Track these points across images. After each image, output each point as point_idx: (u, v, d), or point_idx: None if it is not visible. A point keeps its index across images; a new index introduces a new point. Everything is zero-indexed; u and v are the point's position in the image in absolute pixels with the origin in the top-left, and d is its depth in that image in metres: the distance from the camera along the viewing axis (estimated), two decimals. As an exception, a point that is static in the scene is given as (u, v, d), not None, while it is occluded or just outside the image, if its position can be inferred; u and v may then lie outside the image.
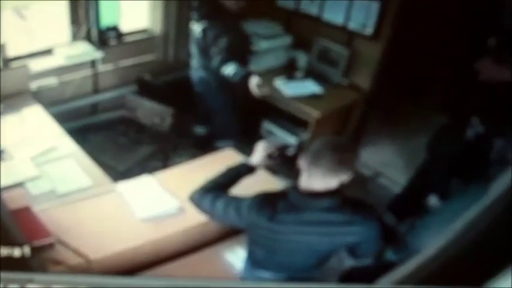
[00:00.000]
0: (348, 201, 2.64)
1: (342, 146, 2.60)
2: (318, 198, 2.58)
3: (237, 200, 2.78)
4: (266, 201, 2.69)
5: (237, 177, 2.94)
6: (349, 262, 3.06)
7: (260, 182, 3.37)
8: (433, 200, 3.99)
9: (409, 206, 4.17)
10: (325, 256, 2.78)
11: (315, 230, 2.62)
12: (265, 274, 2.86)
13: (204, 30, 4.75)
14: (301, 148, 2.92)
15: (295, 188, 2.64)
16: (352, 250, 2.76)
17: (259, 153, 2.95)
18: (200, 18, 4.78)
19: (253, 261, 2.90)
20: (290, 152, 2.94)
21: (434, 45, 5.11)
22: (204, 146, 5.15)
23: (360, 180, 5.02)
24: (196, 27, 4.83)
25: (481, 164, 3.57)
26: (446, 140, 4.01)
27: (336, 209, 2.60)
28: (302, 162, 2.61)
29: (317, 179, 2.55)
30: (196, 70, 5.04)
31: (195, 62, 5.02)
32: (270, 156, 2.96)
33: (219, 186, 2.90)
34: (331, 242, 2.68)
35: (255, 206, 2.68)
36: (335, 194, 2.59)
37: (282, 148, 2.98)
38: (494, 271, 1.91)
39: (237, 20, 4.90)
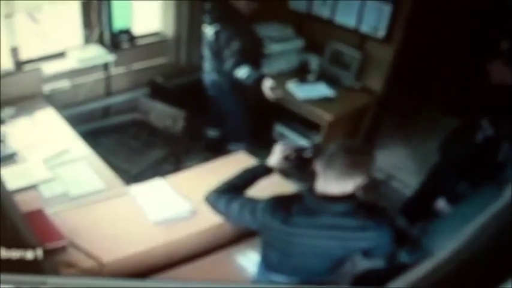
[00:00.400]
0: (363, 206, 2.64)
1: (356, 149, 2.61)
2: (333, 202, 2.58)
3: (252, 202, 2.78)
4: (281, 204, 2.69)
5: (253, 178, 2.96)
6: (362, 265, 3.06)
7: (273, 185, 3.37)
8: (441, 204, 3.97)
9: (421, 209, 4.16)
10: (338, 260, 2.78)
11: (328, 234, 2.62)
12: (279, 278, 2.85)
13: (217, 33, 4.76)
14: (317, 150, 2.92)
15: (310, 191, 2.64)
16: (366, 253, 2.76)
17: (277, 154, 2.97)
18: (212, 21, 4.78)
19: (267, 265, 2.90)
20: (307, 154, 2.94)
21: (445, 48, 5.10)
22: (216, 149, 5.14)
23: (372, 184, 5.01)
24: (209, 30, 4.84)
25: (488, 168, 3.57)
26: (457, 142, 4.00)
27: (350, 214, 2.59)
28: (318, 166, 2.61)
29: (332, 182, 2.55)
30: (208, 73, 5.04)
31: (208, 65, 5.02)
32: (287, 158, 2.97)
33: (235, 188, 2.91)
34: (344, 247, 2.68)
35: (269, 209, 2.69)
36: (350, 199, 2.59)
37: (300, 150, 2.98)
38: (506, 275, 1.90)
39: (250, 23, 4.90)
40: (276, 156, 2.97)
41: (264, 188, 2.96)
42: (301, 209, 2.63)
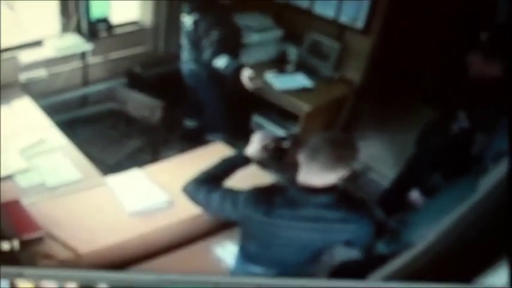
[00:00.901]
0: (344, 197, 2.64)
1: (340, 142, 2.60)
2: (316, 194, 2.58)
3: (233, 193, 2.76)
4: (263, 195, 2.68)
5: (231, 168, 2.92)
6: (340, 257, 3.07)
7: (250, 176, 3.38)
8: (414, 195, 3.99)
9: (397, 200, 4.18)
10: (317, 252, 2.79)
11: (310, 226, 2.62)
12: (257, 269, 2.86)
13: (196, 23, 4.74)
14: (295, 140, 2.92)
15: (293, 182, 2.64)
16: (345, 243, 2.77)
17: (255, 144, 2.93)
18: (191, 11, 4.76)
19: (245, 256, 2.90)
20: (285, 144, 2.94)
21: (425, 39, 5.11)
22: (194, 139, 5.13)
23: (350, 175, 5.04)
24: (187, 20, 4.82)
25: (462, 160, 3.60)
26: (432, 134, 4.03)
27: (332, 206, 2.60)
28: (301, 157, 2.60)
29: (315, 174, 2.55)
30: (186, 63, 5.03)
31: (186, 54, 5.01)
32: (265, 148, 2.96)
33: (214, 178, 2.87)
34: (325, 239, 2.69)
35: (251, 200, 2.67)
36: (332, 190, 2.59)
37: (278, 140, 2.98)
38: (484, 266, 1.92)
39: (229, 13, 4.89)
40: (254, 146, 2.94)
41: (242, 179, 2.95)
42: (283, 200, 2.62)
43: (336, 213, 2.61)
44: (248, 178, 3.13)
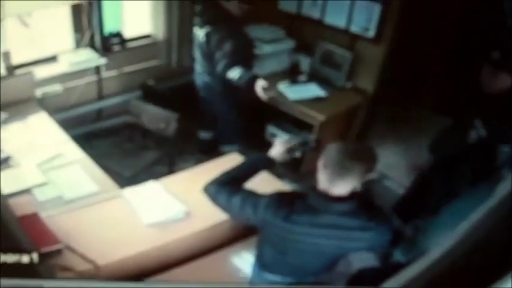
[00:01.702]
0: (365, 206, 2.65)
1: (367, 156, 2.63)
2: (337, 201, 2.58)
3: (255, 197, 2.76)
4: (284, 201, 2.68)
5: (254, 170, 2.95)
6: (356, 265, 3.07)
7: (265, 185, 3.41)
8: None
9: (413, 208, 4.17)
10: (334, 260, 2.79)
11: (329, 233, 2.63)
12: (273, 277, 2.86)
13: (208, 35, 4.77)
14: (318, 144, 2.93)
15: (314, 189, 2.64)
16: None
17: (279, 146, 2.97)
18: (204, 24, 4.79)
19: (262, 264, 2.91)
20: (310, 146, 2.96)
21: (437, 47, 5.11)
22: (209, 151, 5.15)
23: (365, 183, 5.03)
24: (200, 33, 4.84)
25: (483, 168, 3.58)
26: (449, 141, 4.01)
27: (352, 214, 2.60)
28: (320, 165, 2.61)
29: (335, 183, 2.56)
30: (200, 75, 5.06)
31: (199, 67, 5.03)
32: (289, 151, 2.98)
33: (235, 180, 2.88)
34: (342, 246, 2.70)
35: (272, 205, 2.67)
36: (353, 198, 2.60)
37: (302, 143, 2.99)
38: (500, 273, 1.91)
39: (241, 25, 4.93)
40: (278, 148, 2.97)
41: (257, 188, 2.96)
42: (304, 207, 2.63)
43: (355, 221, 2.61)
44: (264, 187, 3.17)
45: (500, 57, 3.62)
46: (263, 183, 3.66)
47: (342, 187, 2.57)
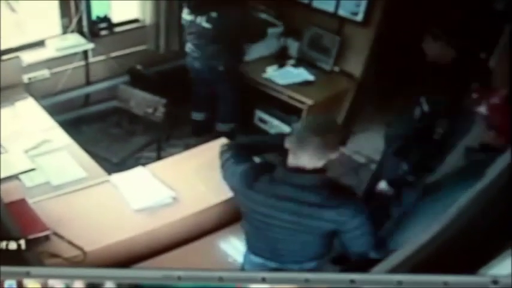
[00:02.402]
0: (328, 184, 2.59)
1: (326, 128, 2.58)
2: (296, 173, 2.56)
3: (237, 163, 2.79)
4: (254, 170, 2.70)
5: (267, 147, 3.02)
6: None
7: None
8: (382, 185, 3.95)
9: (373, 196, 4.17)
10: (308, 246, 2.76)
11: (284, 205, 2.59)
12: (257, 260, 2.88)
13: (214, 21, 4.83)
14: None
15: (283, 162, 2.62)
16: (342, 244, 2.74)
17: None
18: (208, 10, 4.80)
19: (247, 245, 2.94)
20: None
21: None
22: (202, 132, 5.18)
23: (352, 167, 5.05)
24: (200, 19, 4.84)
25: (426, 146, 3.65)
26: (398, 123, 4.06)
27: (310, 189, 2.56)
28: (287, 144, 2.59)
29: (303, 159, 2.54)
30: (197, 59, 5.06)
31: (198, 52, 5.03)
32: None
33: (243, 148, 2.96)
34: (302, 223, 2.63)
35: (244, 173, 2.70)
36: (317, 173, 2.56)
37: None
38: (489, 257, 1.92)
39: (247, 9, 5.01)
40: None
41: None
42: (268, 177, 2.62)
43: (313, 196, 2.55)
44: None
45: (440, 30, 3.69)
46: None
47: (304, 160, 2.54)
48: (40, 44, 5.14)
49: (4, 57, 4.84)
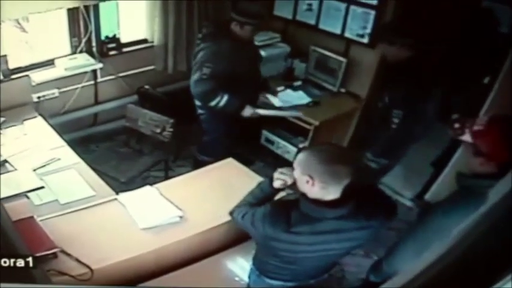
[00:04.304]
0: (360, 205, 2.59)
1: (351, 156, 2.63)
2: (332, 208, 2.54)
3: (253, 213, 2.76)
4: (278, 212, 2.64)
5: (263, 197, 2.94)
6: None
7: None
8: None
9: None
10: (334, 262, 2.87)
11: (330, 238, 2.61)
12: (274, 282, 2.89)
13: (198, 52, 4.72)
14: None
15: (305, 197, 2.58)
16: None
17: (279, 180, 2.94)
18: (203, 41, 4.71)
19: (262, 270, 2.92)
20: None
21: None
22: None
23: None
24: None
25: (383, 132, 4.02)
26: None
27: (350, 217, 2.57)
28: (310, 179, 2.52)
29: (335, 192, 2.52)
30: None
31: None
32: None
33: (249, 204, 2.93)
34: (344, 247, 2.72)
35: (268, 218, 2.63)
36: (347, 202, 2.54)
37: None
38: (494, 279, 1.93)
39: (244, 46, 4.70)
40: (278, 182, 2.93)
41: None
42: (300, 216, 2.57)
43: (355, 222, 2.59)
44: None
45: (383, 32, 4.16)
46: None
47: (336, 193, 2.52)
48: (50, 63, 5.20)
49: (14, 76, 4.88)
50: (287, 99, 5.25)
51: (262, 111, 4.75)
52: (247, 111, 4.65)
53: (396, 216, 2.83)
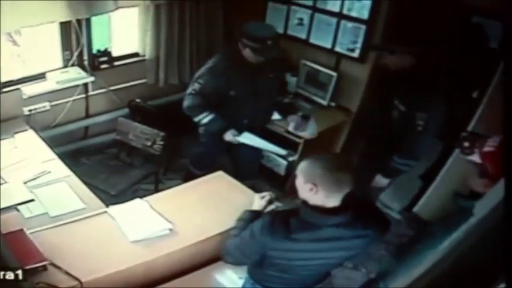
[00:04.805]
0: (360, 214, 2.64)
1: (350, 163, 2.68)
2: (333, 215, 2.58)
3: (250, 227, 2.78)
4: (277, 221, 2.67)
5: (248, 222, 2.96)
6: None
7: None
8: (378, 179, 4.28)
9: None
10: (330, 270, 2.92)
11: (330, 245, 2.64)
12: None
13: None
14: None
15: (306, 204, 2.63)
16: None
17: (258, 203, 3.15)
18: None
19: (258, 280, 2.98)
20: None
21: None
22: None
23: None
24: None
25: (409, 136, 3.95)
26: (378, 123, 4.38)
27: (349, 225, 2.61)
28: (313, 186, 2.57)
29: (336, 199, 2.57)
30: None
31: None
32: (270, 202, 3.24)
33: (238, 230, 2.97)
34: (342, 256, 2.77)
35: (266, 227, 2.66)
36: (347, 209, 2.59)
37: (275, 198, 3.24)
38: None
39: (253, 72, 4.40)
40: (258, 203, 3.14)
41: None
42: (299, 224, 2.61)
43: (352, 231, 2.63)
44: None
45: (382, 42, 4.22)
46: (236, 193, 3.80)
47: (337, 200, 2.57)
48: (41, 76, 5.20)
49: (5, 89, 4.89)
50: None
51: (242, 139, 4.53)
52: (228, 136, 4.50)
53: (389, 231, 2.86)
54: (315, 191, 2.56)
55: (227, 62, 4.37)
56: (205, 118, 4.45)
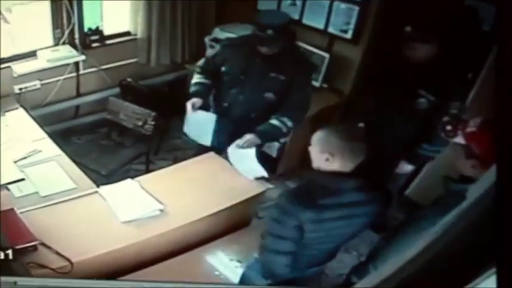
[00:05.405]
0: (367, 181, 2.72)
1: (364, 135, 2.73)
2: (345, 178, 2.65)
3: (275, 218, 2.75)
4: (300, 191, 2.75)
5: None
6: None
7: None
8: (403, 165, 4.25)
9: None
10: (351, 240, 2.96)
11: (352, 211, 2.70)
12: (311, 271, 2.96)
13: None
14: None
15: (319, 171, 2.69)
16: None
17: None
18: None
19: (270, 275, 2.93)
20: None
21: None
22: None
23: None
24: None
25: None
26: (398, 117, 4.20)
27: (361, 189, 2.68)
28: (330, 156, 2.63)
29: (350, 167, 2.64)
30: None
31: None
32: None
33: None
34: (353, 224, 2.79)
35: (294, 197, 2.69)
36: (358, 174, 2.66)
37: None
38: (472, 275, 1.95)
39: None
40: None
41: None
42: (320, 190, 2.65)
43: (368, 194, 2.70)
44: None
45: (412, 30, 3.92)
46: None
47: (351, 168, 2.65)
48: (32, 55, 5.16)
49: (-5, 67, 4.86)
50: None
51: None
52: (188, 104, 4.14)
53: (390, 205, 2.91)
54: (331, 160, 2.63)
55: (236, 43, 4.36)
56: (196, 79, 4.26)
